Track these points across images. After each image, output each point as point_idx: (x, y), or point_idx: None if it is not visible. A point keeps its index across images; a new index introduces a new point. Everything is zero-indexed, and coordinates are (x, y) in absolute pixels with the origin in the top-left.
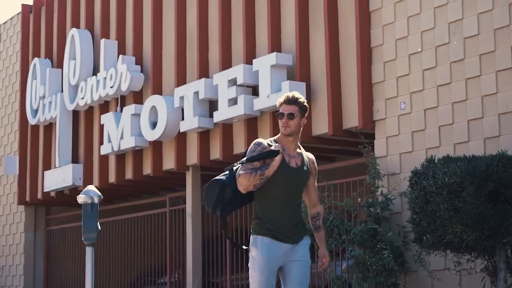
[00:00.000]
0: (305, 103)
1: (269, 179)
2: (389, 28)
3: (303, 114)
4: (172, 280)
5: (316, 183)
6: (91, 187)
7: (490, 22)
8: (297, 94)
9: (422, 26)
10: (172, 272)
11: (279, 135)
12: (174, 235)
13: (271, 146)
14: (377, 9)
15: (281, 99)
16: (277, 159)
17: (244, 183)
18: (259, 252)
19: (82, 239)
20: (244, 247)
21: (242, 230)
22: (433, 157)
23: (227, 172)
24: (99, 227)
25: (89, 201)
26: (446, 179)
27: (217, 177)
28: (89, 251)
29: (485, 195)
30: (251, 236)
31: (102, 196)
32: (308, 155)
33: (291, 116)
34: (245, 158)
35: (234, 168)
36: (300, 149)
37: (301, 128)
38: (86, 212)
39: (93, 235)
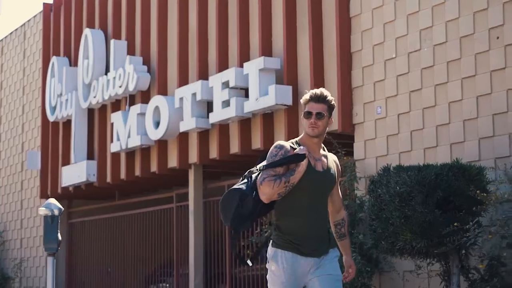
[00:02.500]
0: (333, 101)
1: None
2: (367, 34)
3: (330, 113)
4: (182, 273)
5: (339, 187)
6: (52, 200)
7: (456, 30)
8: (325, 92)
9: (396, 32)
10: (179, 266)
11: (302, 136)
12: (181, 230)
13: (295, 149)
14: (356, 15)
15: (307, 96)
16: (303, 163)
17: (267, 192)
18: (280, 267)
19: (44, 249)
20: (249, 262)
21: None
22: (389, 166)
23: (245, 180)
24: (60, 237)
25: (50, 214)
26: (397, 188)
27: (235, 186)
28: (50, 260)
29: (433, 203)
30: (270, 248)
31: (62, 209)
32: (332, 157)
33: (319, 115)
34: (262, 163)
35: (254, 175)
36: (324, 150)
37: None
38: (47, 224)
39: (53, 246)
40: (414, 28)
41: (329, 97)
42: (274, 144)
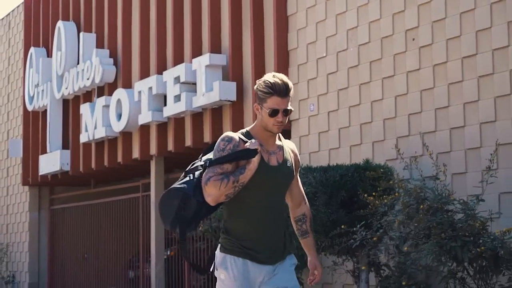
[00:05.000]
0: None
1: (246, 183)
2: (302, 32)
3: None
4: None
5: (298, 177)
6: None
7: (378, 31)
8: (286, 79)
9: (326, 32)
10: (145, 253)
11: (253, 126)
12: (146, 218)
13: (246, 142)
14: (293, 14)
15: (269, 89)
16: (255, 160)
17: (213, 194)
18: (231, 275)
19: None
20: (210, 271)
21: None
22: (301, 166)
23: (187, 177)
24: None
25: None
26: (304, 188)
27: (176, 185)
28: None
29: (337, 203)
30: (218, 253)
31: None
32: (289, 146)
33: (286, 112)
34: (207, 157)
35: (197, 172)
36: (280, 140)
37: None
38: None
39: None
40: (342, 28)
41: (292, 86)
42: (222, 136)
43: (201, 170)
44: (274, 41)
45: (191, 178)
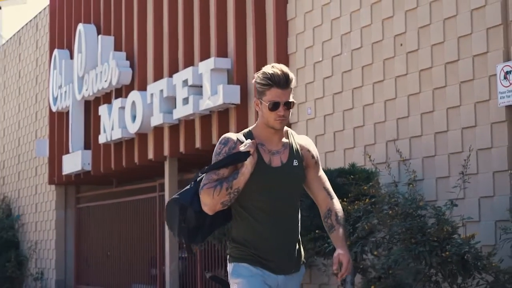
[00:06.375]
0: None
1: (246, 187)
2: (300, 37)
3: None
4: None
5: (321, 173)
6: None
7: (369, 36)
8: (287, 69)
9: (323, 36)
10: (161, 253)
11: (256, 125)
12: (163, 218)
13: (242, 143)
14: (292, 19)
15: (268, 80)
16: (248, 163)
17: (208, 202)
18: (246, 282)
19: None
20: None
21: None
22: None
23: (188, 186)
24: None
25: None
26: None
27: (176, 195)
28: None
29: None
30: (229, 264)
31: None
32: (300, 142)
33: (289, 105)
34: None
35: (198, 179)
36: (287, 137)
37: None
38: None
39: None
40: (337, 33)
41: (293, 77)
42: (220, 139)
43: (200, 177)
44: (275, 45)
45: (190, 186)
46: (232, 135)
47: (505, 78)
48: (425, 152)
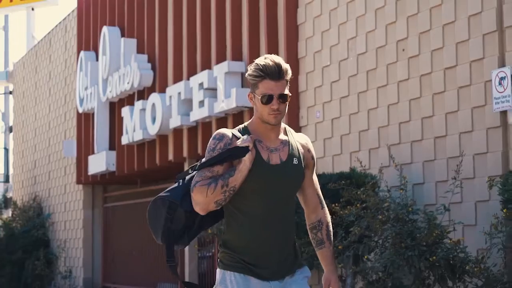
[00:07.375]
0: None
1: (242, 186)
2: (310, 41)
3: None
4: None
5: (315, 178)
6: None
7: (373, 41)
8: (280, 60)
9: (330, 41)
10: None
11: (252, 120)
12: None
13: (239, 139)
14: (302, 23)
15: (259, 72)
16: (247, 159)
17: (200, 201)
18: None
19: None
20: None
21: None
22: None
23: (176, 183)
24: None
25: None
26: None
27: (163, 193)
28: None
29: None
30: (218, 269)
31: None
32: (299, 140)
33: (283, 98)
34: (200, 161)
35: (188, 177)
36: (286, 134)
37: None
38: None
39: None
40: (343, 38)
41: (288, 68)
42: (214, 134)
43: (191, 174)
44: (285, 49)
45: (180, 184)
46: (227, 131)
47: (499, 83)
48: (426, 156)
